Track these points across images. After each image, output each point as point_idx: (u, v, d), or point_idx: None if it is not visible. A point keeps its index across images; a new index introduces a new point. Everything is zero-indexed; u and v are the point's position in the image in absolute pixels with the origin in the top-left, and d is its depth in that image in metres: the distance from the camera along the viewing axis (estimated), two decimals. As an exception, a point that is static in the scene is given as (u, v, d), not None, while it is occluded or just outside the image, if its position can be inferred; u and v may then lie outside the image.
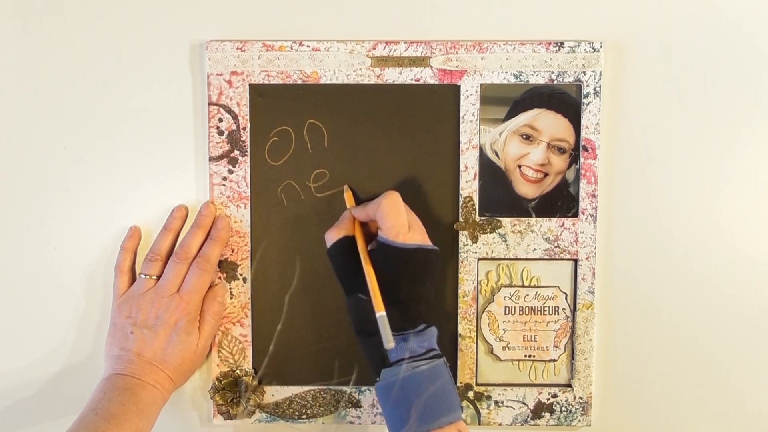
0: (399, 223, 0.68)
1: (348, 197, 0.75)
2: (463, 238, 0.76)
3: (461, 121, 0.75)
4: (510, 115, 0.75)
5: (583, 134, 0.75)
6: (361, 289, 0.68)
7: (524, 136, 0.75)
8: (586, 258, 0.76)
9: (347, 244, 0.71)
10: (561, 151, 0.75)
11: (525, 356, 0.78)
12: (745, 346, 0.78)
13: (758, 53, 0.75)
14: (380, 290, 0.67)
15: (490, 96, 0.75)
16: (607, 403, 0.78)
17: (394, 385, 0.66)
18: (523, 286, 0.77)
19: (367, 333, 0.68)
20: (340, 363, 0.77)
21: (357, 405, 0.77)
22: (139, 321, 0.72)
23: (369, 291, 0.67)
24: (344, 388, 0.77)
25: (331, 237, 0.71)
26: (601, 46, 0.74)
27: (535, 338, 0.77)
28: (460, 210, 0.75)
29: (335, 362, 0.77)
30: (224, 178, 0.75)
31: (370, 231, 0.73)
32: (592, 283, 0.76)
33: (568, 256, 0.76)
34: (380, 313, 0.66)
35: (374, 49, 0.74)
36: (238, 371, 0.77)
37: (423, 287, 0.69)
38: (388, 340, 0.65)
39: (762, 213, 0.76)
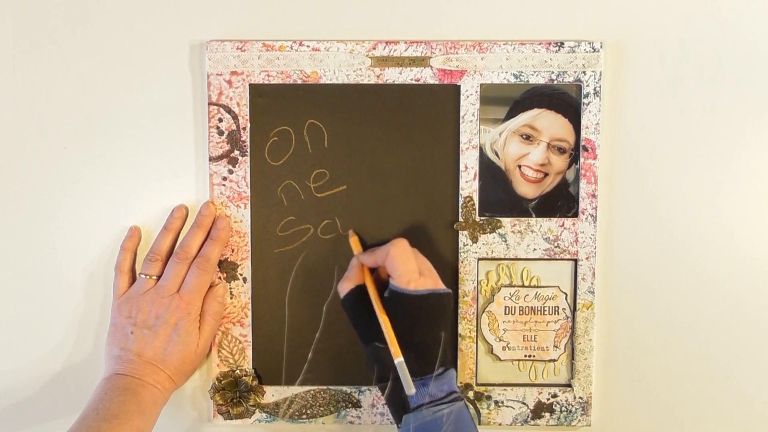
0: (409, 270, 0.69)
1: (354, 243, 0.74)
2: (463, 238, 0.76)
3: (461, 121, 0.75)
4: (510, 115, 0.75)
5: (583, 134, 0.75)
6: (377, 337, 0.69)
7: (524, 136, 0.75)
8: (586, 258, 0.76)
9: (360, 293, 0.71)
10: (561, 151, 0.75)
11: (525, 356, 0.78)
12: (745, 346, 0.78)
13: (758, 53, 0.75)
14: (396, 337, 0.67)
15: (490, 96, 0.75)
16: (607, 403, 0.78)
17: (416, 431, 0.67)
18: (523, 286, 0.77)
19: (387, 380, 0.69)
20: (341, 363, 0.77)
21: (357, 405, 0.77)
22: (139, 321, 0.72)
23: (385, 339, 0.68)
24: (344, 388, 0.77)
25: (344, 288, 0.72)
26: (601, 46, 0.74)
27: (535, 338, 0.77)
28: (460, 210, 0.75)
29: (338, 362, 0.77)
30: (224, 178, 0.75)
31: (380, 277, 0.73)
32: (592, 283, 0.76)
33: (568, 256, 0.76)
34: (398, 359, 0.67)
35: (374, 49, 0.74)
36: (238, 371, 0.77)
37: (438, 331, 0.69)
38: (409, 387, 0.66)
39: (762, 212, 0.76)
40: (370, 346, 0.70)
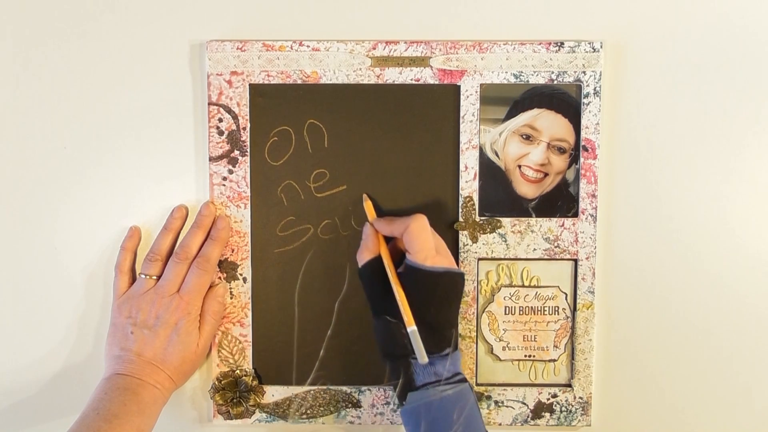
0: (428, 247, 0.69)
1: (369, 208, 0.74)
2: (463, 238, 0.76)
3: (461, 121, 0.75)
4: (510, 115, 0.75)
5: (583, 134, 0.75)
6: (389, 311, 0.69)
7: (524, 136, 0.75)
8: (586, 258, 0.76)
9: (377, 264, 0.71)
10: (561, 151, 0.75)
11: (525, 356, 0.78)
12: (746, 346, 0.78)
13: (758, 53, 0.75)
14: (411, 311, 0.68)
15: (490, 96, 0.75)
16: (607, 403, 0.78)
17: (420, 408, 0.67)
18: (523, 286, 0.77)
19: (394, 356, 0.69)
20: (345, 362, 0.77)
21: (357, 405, 0.77)
22: (139, 321, 0.72)
23: (398, 311, 0.68)
24: (344, 388, 0.77)
25: (362, 258, 0.72)
26: (601, 46, 0.74)
27: (535, 338, 0.77)
28: (460, 210, 0.75)
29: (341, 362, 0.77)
30: (224, 178, 0.75)
31: (395, 248, 0.73)
32: (592, 283, 0.76)
33: (568, 256, 0.76)
34: (412, 327, 0.67)
35: (374, 49, 0.74)
36: (238, 371, 0.77)
37: (450, 311, 0.70)
38: (422, 355, 0.67)
39: (763, 212, 0.76)
40: (381, 319, 0.70)
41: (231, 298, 0.76)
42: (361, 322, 0.75)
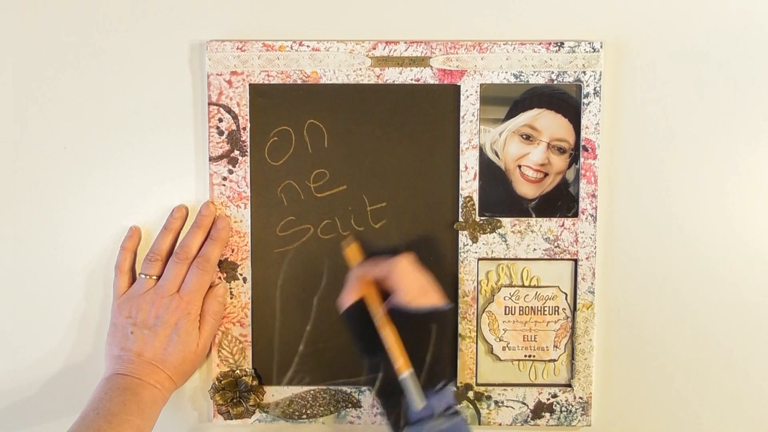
0: (415, 287, 0.68)
1: (354, 252, 0.74)
2: (463, 238, 0.76)
3: (461, 121, 0.75)
4: (510, 115, 0.75)
5: (583, 134, 0.75)
6: (379, 351, 0.68)
7: (524, 136, 0.75)
8: (586, 258, 0.76)
9: (362, 306, 0.70)
10: (561, 151, 0.75)
11: (525, 356, 0.78)
12: (746, 346, 0.78)
13: (758, 52, 0.75)
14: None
15: (490, 96, 0.75)
16: (607, 403, 0.78)
17: None
18: (523, 286, 0.77)
19: (387, 394, 0.68)
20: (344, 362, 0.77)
21: (357, 405, 0.77)
22: (139, 321, 0.72)
23: (388, 353, 0.67)
24: (344, 388, 0.77)
25: (345, 302, 0.71)
26: (601, 46, 0.74)
27: (535, 338, 0.77)
28: (460, 210, 0.76)
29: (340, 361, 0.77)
30: (224, 178, 0.75)
31: (382, 289, 0.72)
32: (592, 283, 0.76)
33: (568, 256, 0.76)
34: (406, 373, 0.66)
35: (374, 49, 0.74)
36: (238, 371, 0.77)
37: (440, 347, 0.69)
38: (419, 400, 0.66)
39: (764, 211, 0.76)
40: (372, 360, 0.69)
41: (231, 298, 0.76)
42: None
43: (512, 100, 0.75)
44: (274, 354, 0.77)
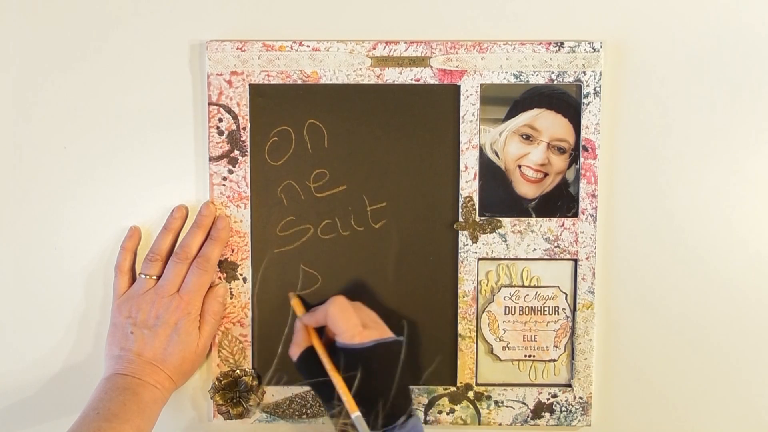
0: (351, 325, 0.69)
1: (296, 305, 0.74)
2: (463, 238, 0.76)
3: (461, 121, 0.75)
4: (510, 115, 0.75)
5: (583, 134, 0.75)
6: (335, 395, 0.68)
7: (524, 136, 0.75)
8: (586, 258, 0.76)
9: (311, 355, 0.71)
10: (561, 151, 0.75)
11: (525, 356, 0.78)
12: (746, 345, 0.78)
13: (759, 52, 0.75)
14: (353, 391, 0.67)
15: (490, 96, 0.75)
16: (607, 403, 0.78)
17: None
18: (523, 286, 0.77)
19: None
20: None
21: (357, 405, 0.77)
22: (139, 321, 0.72)
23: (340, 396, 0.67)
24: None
25: (294, 353, 0.72)
26: (601, 46, 0.74)
27: (535, 338, 0.77)
28: (460, 210, 0.76)
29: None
30: (224, 178, 0.75)
31: (328, 335, 0.73)
32: (592, 283, 0.76)
33: (568, 256, 0.76)
34: (355, 414, 0.66)
35: (374, 49, 0.74)
36: (238, 371, 0.77)
37: (393, 379, 0.68)
38: None
39: (764, 211, 0.76)
40: (330, 404, 0.69)
41: (231, 298, 0.76)
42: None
43: (512, 100, 0.75)
44: (274, 354, 0.77)
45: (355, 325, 0.69)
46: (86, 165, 0.76)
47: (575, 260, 0.76)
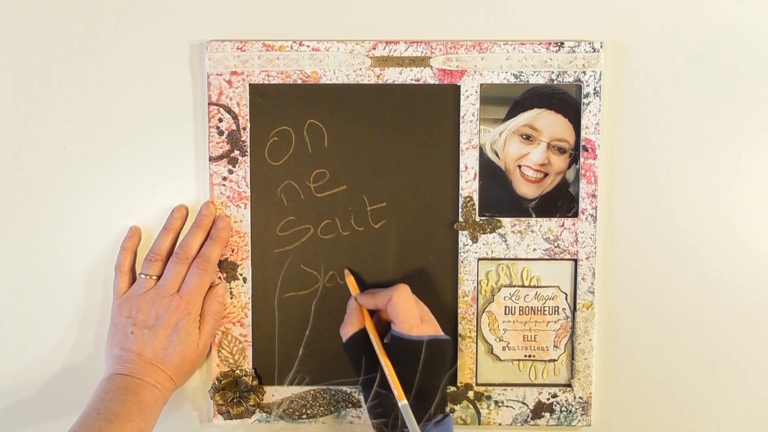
0: (412, 317, 0.69)
1: (351, 283, 0.74)
2: (463, 238, 0.76)
3: (461, 121, 0.75)
4: (510, 115, 0.75)
5: (583, 134, 0.75)
6: (379, 382, 0.69)
7: (524, 136, 0.75)
8: (586, 258, 0.76)
9: (362, 337, 0.71)
10: (561, 151, 0.75)
11: (525, 356, 0.78)
12: (746, 345, 0.78)
13: (759, 52, 0.75)
14: (403, 383, 0.68)
15: (490, 96, 0.75)
16: (607, 403, 0.78)
17: None
18: (523, 286, 0.77)
19: (388, 426, 0.68)
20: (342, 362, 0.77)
21: (357, 405, 0.77)
22: (139, 321, 0.72)
23: (388, 383, 0.68)
24: (344, 388, 0.77)
25: (346, 332, 0.72)
26: (601, 46, 0.74)
27: (535, 338, 0.77)
28: (460, 210, 0.76)
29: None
30: (224, 178, 0.75)
31: (381, 320, 0.73)
32: (592, 283, 0.76)
33: (568, 256, 0.76)
34: (403, 402, 0.67)
35: (374, 49, 0.74)
36: (238, 371, 0.77)
37: (438, 378, 0.69)
38: (414, 429, 0.66)
39: (764, 211, 0.76)
40: (372, 391, 0.69)
41: (231, 298, 0.76)
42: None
43: (512, 100, 0.75)
44: (274, 354, 0.77)
45: (416, 317, 0.69)
46: (86, 165, 0.76)
47: (575, 260, 0.76)
